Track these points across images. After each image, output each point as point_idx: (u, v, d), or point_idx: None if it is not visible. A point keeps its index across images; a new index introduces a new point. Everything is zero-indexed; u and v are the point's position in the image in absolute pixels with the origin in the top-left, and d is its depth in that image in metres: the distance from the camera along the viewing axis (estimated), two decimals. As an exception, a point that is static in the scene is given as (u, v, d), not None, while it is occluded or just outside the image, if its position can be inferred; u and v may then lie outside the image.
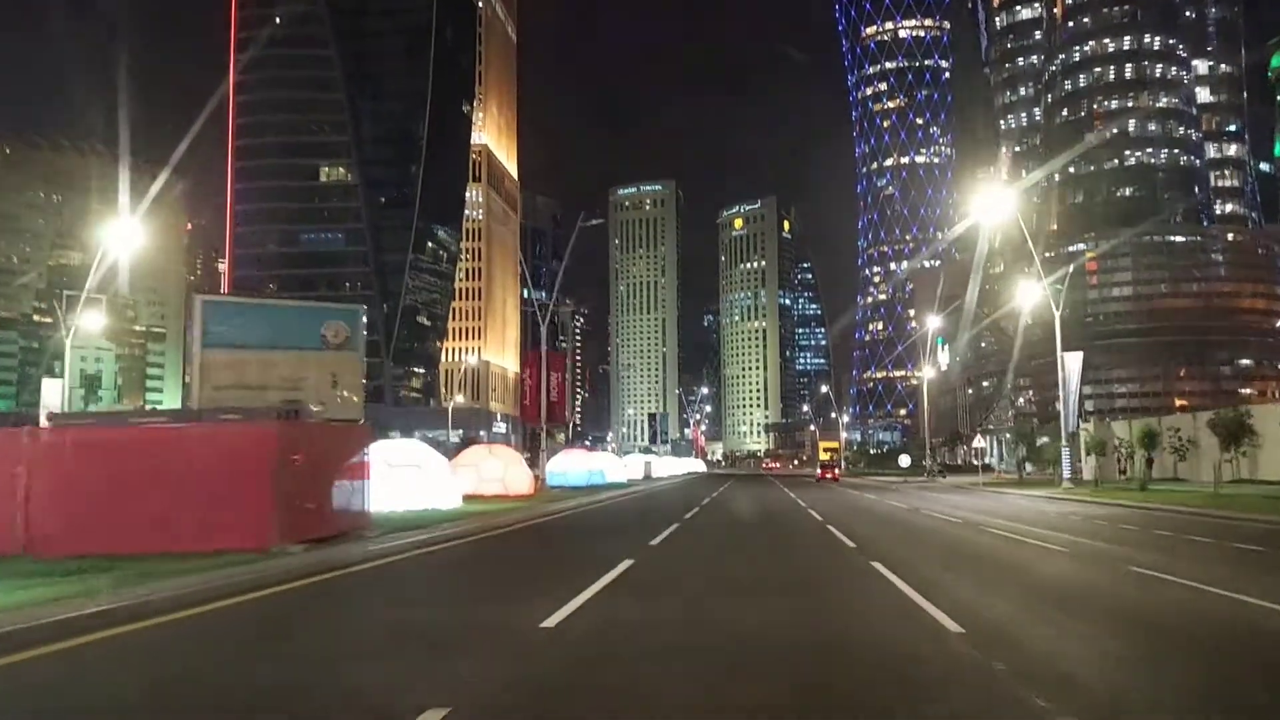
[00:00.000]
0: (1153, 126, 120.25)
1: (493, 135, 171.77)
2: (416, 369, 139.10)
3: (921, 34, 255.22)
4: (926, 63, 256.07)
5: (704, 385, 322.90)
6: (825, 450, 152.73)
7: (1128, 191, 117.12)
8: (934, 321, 74.73)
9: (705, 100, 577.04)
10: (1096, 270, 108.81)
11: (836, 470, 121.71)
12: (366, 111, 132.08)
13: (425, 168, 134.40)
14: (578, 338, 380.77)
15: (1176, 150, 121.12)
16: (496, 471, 32.04)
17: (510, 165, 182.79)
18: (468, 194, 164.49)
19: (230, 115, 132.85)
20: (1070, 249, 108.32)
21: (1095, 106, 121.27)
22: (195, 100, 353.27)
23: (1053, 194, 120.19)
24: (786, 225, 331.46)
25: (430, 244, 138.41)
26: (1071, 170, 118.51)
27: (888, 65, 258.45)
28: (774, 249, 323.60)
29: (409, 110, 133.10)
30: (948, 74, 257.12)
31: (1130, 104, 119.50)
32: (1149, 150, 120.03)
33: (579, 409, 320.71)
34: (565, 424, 68.39)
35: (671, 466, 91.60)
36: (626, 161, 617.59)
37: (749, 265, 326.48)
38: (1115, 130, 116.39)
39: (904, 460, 63.07)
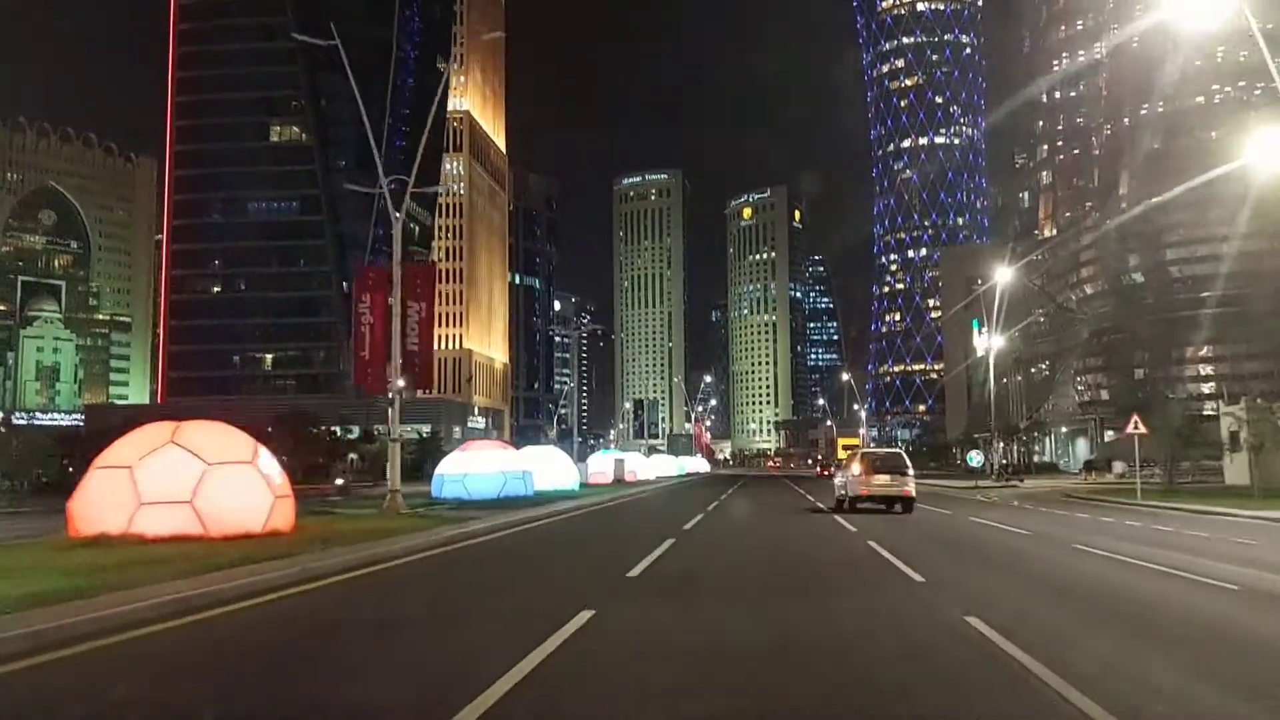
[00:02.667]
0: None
1: (476, 103, 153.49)
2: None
3: (941, 7, 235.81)
4: (946, 37, 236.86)
5: (709, 375, 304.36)
6: (845, 448, 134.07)
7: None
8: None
9: (711, 84, 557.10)
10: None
11: (833, 468, 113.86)
12: (322, 63, 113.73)
13: (391, 128, 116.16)
14: (583, 335, 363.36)
15: None
16: (175, 485, 13.64)
17: (498, 138, 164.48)
18: (448, 165, 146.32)
19: (170, 68, 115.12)
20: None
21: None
22: (140, 57, 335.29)
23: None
24: (797, 215, 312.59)
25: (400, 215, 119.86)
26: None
27: (905, 41, 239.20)
28: (784, 239, 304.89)
29: (372, 62, 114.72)
30: (969, 50, 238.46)
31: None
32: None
33: (585, 408, 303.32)
34: (427, 388, 49.70)
35: (661, 466, 73.08)
36: (629, 149, 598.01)
37: (758, 256, 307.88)
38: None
39: (975, 458, 44.09)
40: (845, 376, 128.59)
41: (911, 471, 27.32)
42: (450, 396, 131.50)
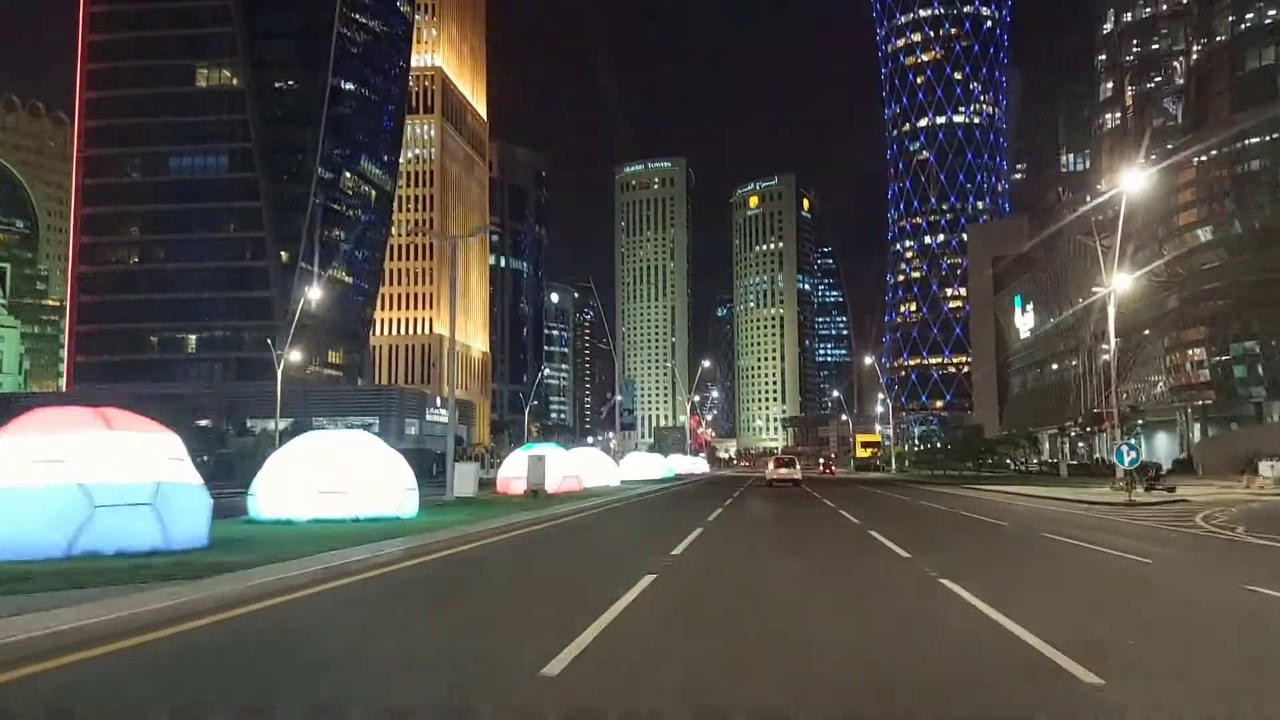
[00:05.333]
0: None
1: (451, 61, 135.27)
2: (333, 340, 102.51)
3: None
4: (966, 9, 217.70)
5: (715, 379, 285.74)
6: (865, 445, 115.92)
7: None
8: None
9: (717, 68, 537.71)
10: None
11: (833, 466, 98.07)
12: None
13: (338, 74, 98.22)
14: (586, 331, 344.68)
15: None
16: None
17: (477, 103, 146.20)
18: (419, 128, 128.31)
19: (81, 2, 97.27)
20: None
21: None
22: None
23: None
24: (806, 204, 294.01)
25: (349, 176, 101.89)
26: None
27: (922, 13, 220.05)
28: (792, 229, 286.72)
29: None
30: (990, 22, 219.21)
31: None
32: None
33: (588, 405, 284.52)
34: None
35: (640, 467, 54.47)
36: (630, 138, 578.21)
37: (765, 247, 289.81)
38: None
39: (1131, 455, 25.46)
40: (868, 360, 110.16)
41: (799, 466, 52.05)
42: (414, 386, 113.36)
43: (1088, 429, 60.90)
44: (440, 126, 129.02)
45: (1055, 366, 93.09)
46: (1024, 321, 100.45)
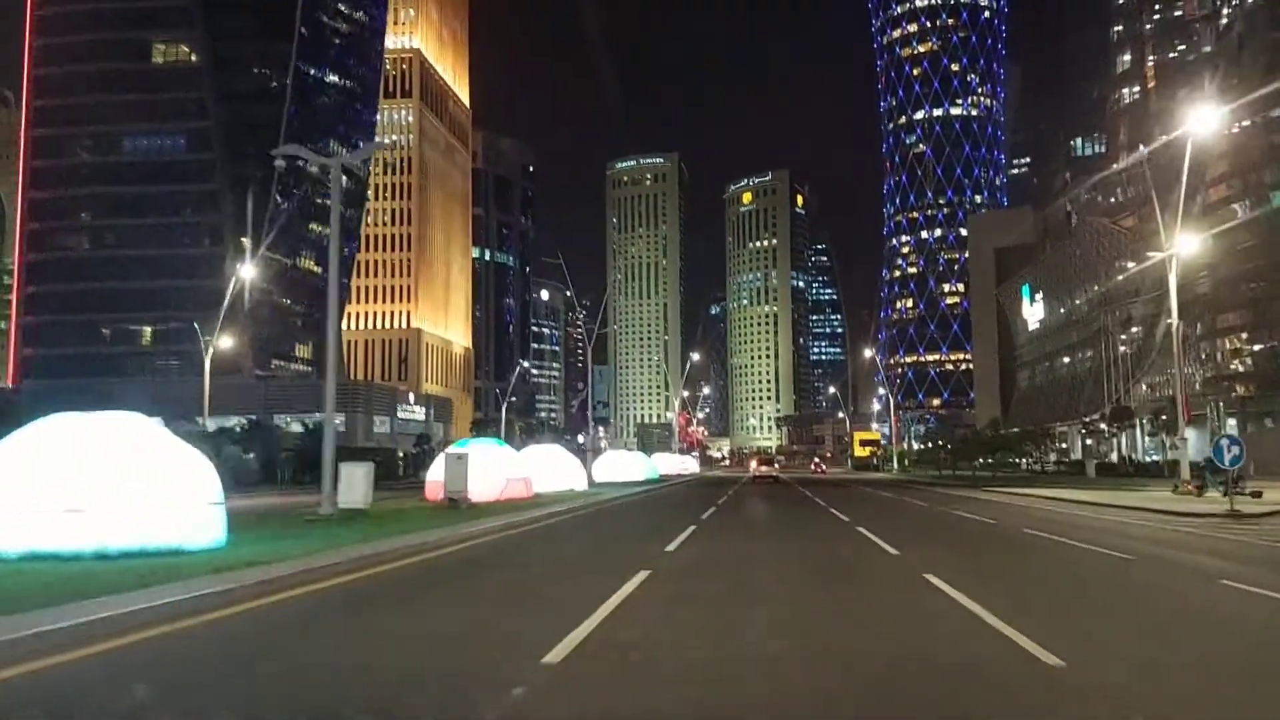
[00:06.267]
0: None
1: (431, 44, 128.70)
2: (301, 333, 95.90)
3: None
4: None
5: (708, 377, 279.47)
6: (863, 444, 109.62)
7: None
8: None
9: (710, 61, 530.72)
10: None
11: (824, 466, 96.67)
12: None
13: (304, 49, 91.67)
14: (580, 329, 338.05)
15: None
16: None
17: (459, 89, 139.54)
18: (396, 113, 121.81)
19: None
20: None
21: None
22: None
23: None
24: (800, 200, 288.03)
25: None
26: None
27: (918, 3, 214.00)
28: (786, 226, 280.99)
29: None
30: (988, 13, 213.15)
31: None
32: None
33: (574, 404, 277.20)
34: None
35: (614, 468, 47.97)
36: (624, 131, 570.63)
37: (759, 244, 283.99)
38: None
39: (1230, 453, 19.00)
40: (868, 353, 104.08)
41: (779, 466, 70.14)
42: (390, 383, 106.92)
43: (1114, 425, 54.46)
44: (419, 112, 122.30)
45: (1066, 360, 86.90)
46: (1032, 312, 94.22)
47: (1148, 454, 62.45)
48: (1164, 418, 50.13)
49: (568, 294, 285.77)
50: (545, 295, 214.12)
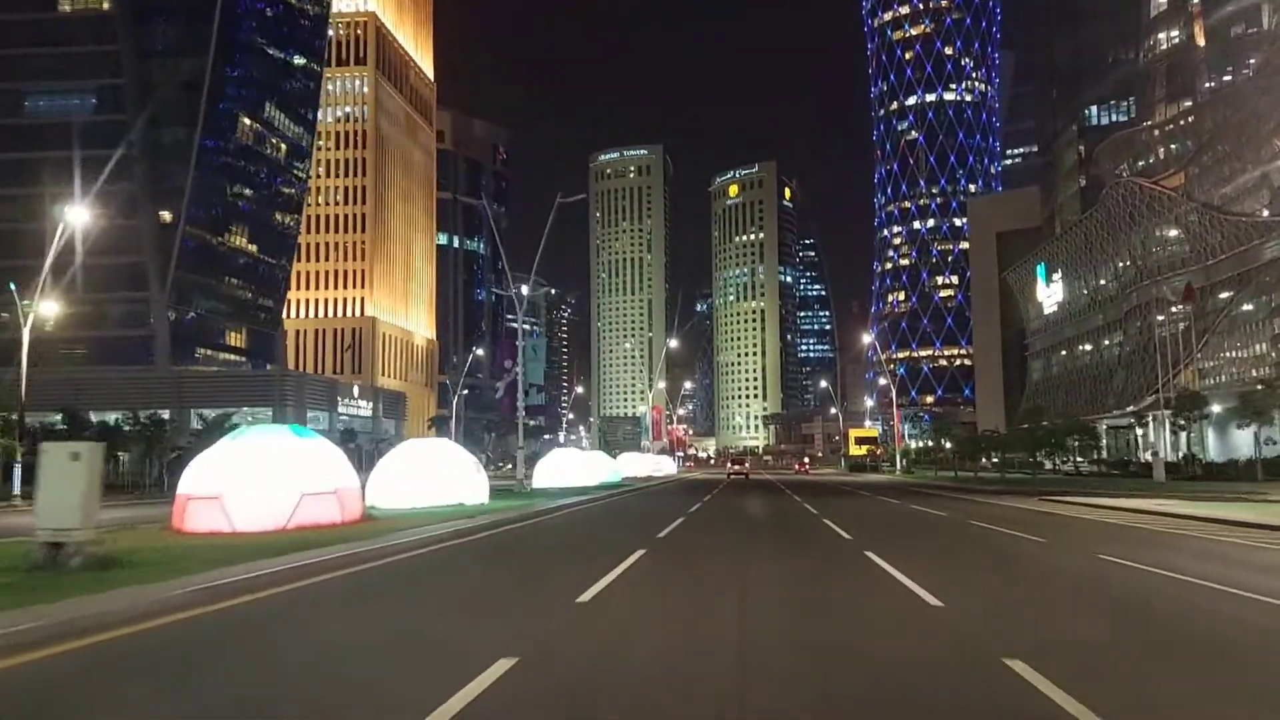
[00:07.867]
0: None
1: (390, 8, 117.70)
2: (228, 316, 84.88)
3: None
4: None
5: (694, 374, 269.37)
6: (859, 442, 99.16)
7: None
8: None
9: (694, 51, 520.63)
10: None
11: (808, 466, 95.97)
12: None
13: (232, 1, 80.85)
14: (564, 327, 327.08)
15: None
16: None
17: (422, 61, 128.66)
18: (348, 82, 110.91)
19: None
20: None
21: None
22: None
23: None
24: (788, 193, 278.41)
25: (248, 124, 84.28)
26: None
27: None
28: (773, 219, 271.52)
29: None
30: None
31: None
32: None
33: (561, 407, 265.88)
34: None
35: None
36: (606, 127, 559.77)
37: (746, 238, 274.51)
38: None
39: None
40: (867, 339, 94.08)
41: (748, 463, 79.50)
42: (341, 376, 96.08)
43: (1182, 415, 44.23)
44: (374, 81, 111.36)
45: (1088, 347, 76.69)
46: (1049, 294, 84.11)
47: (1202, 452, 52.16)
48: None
49: (561, 300, 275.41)
50: (525, 289, 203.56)
